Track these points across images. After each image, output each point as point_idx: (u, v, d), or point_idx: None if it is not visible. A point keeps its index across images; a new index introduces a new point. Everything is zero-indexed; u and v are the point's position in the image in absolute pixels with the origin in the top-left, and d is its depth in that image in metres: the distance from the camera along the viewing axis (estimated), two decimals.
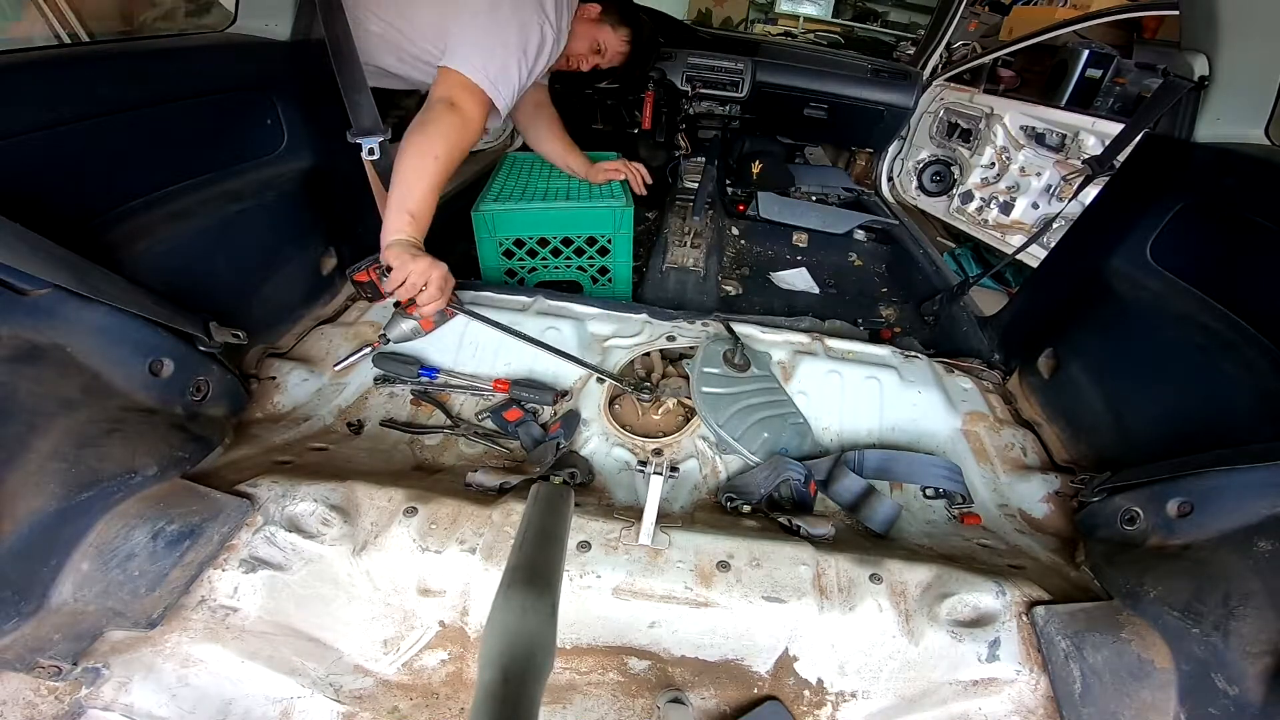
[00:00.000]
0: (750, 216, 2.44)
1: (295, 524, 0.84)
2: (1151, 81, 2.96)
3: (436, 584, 0.82)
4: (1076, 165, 2.10)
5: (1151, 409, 1.02)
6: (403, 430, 1.13)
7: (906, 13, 4.27)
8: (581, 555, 0.82)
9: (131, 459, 0.79)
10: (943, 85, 2.75)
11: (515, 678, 0.40)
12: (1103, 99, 3.13)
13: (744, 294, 1.95)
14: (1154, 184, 1.14)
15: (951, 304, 1.74)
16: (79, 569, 0.73)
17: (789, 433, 1.12)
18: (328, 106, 1.21)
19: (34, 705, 0.70)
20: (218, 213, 1.06)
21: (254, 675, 0.76)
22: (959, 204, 2.74)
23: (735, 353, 1.20)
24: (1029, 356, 1.36)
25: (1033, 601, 0.81)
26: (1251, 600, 0.68)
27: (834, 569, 0.83)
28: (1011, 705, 0.76)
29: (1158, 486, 0.85)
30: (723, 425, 1.08)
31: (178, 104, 0.99)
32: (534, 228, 1.59)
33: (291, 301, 1.29)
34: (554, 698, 0.79)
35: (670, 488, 1.03)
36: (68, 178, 0.84)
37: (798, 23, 4.22)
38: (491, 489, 0.96)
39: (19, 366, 0.71)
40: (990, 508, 1.09)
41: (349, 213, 1.41)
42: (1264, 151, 0.98)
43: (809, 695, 0.81)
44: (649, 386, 1.21)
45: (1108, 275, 1.19)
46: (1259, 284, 0.93)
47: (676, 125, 2.70)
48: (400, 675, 0.81)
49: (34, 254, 0.70)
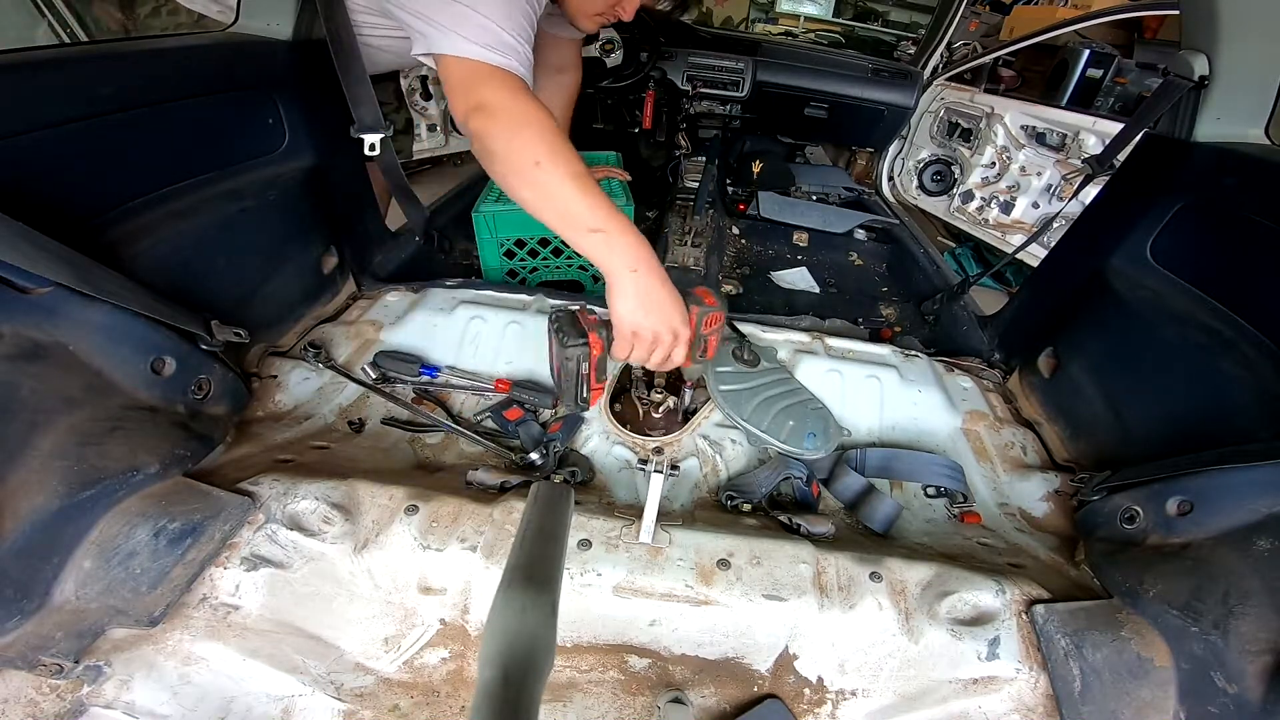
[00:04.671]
0: (751, 216, 2.44)
1: (297, 522, 0.84)
2: (1152, 81, 2.96)
3: (437, 582, 0.82)
4: (1077, 165, 2.11)
5: (1151, 408, 1.02)
6: (404, 429, 1.13)
7: (907, 13, 4.26)
8: (582, 553, 0.82)
9: (133, 457, 0.79)
10: (943, 85, 2.75)
11: (515, 676, 0.40)
12: (1103, 98, 3.13)
13: (744, 293, 1.95)
14: (1154, 183, 1.14)
15: (952, 303, 1.74)
16: (81, 567, 0.73)
17: (812, 418, 1.11)
18: (329, 105, 1.21)
19: (36, 703, 0.70)
20: (219, 212, 1.06)
21: (255, 673, 0.76)
22: (959, 203, 2.74)
23: (744, 349, 1.20)
24: (1029, 356, 1.36)
25: (1032, 600, 0.81)
26: (1251, 599, 0.68)
27: (834, 567, 0.84)
28: (1011, 703, 0.76)
29: (1157, 485, 0.85)
30: (748, 419, 1.07)
31: (179, 103, 0.99)
32: (535, 228, 1.59)
33: (293, 300, 1.29)
34: (554, 696, 0.79)
35: (671, 486, 1.03)
36: (69, 177, 0.84)
37: (798, 22, 4.21)
38: (492, 487, 0.96)
39: (21, 364, 0.71)
40: (990, 506, 1.09)
41: (350, 212, 1.41)
42: (1264, 151, 0.98)
43: (809, 693, 0.81)
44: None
45: (1108, 274, 1.19)
46: (1259, 283, 0.93)
47: (677, 124, 2.71)
48: (401, 673, 0.81)
49: (36, 252, 0.70)
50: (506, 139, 0.87)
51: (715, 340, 0.99)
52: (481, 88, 0.88)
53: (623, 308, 0.88)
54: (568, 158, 0.86)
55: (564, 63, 1.47)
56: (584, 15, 1.14)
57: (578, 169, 0.86)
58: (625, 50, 2.39)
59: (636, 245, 0.87)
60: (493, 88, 0.88)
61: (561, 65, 1.47)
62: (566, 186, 0.85)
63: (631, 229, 0.88)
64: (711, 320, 0.96)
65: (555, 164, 0.85)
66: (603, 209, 0.86)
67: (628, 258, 0.86)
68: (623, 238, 0.86)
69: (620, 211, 0.89)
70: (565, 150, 0.86)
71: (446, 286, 1.41)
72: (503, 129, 0.87)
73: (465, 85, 0.90)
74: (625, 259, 0.86)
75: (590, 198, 0.85)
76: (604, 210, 0.86)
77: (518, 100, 0.88)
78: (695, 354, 0.98)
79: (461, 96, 0.90)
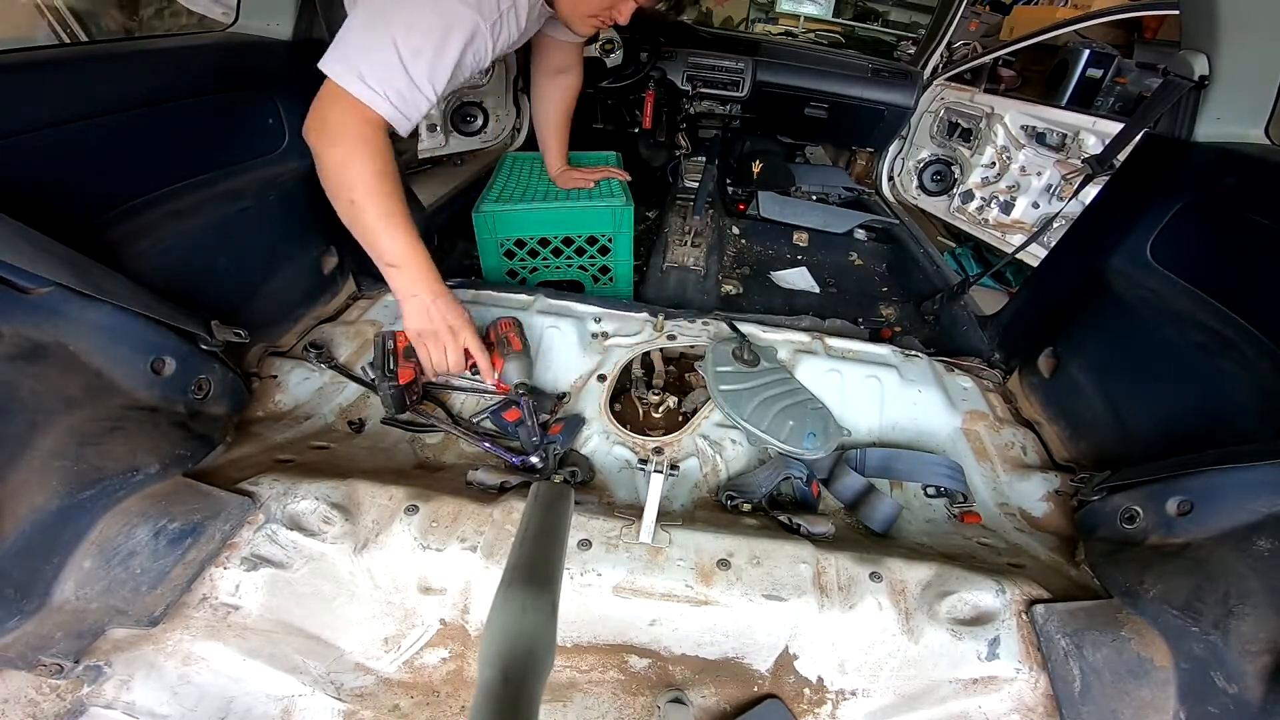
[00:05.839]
0: (751, 216, 2.45)
1: (297, 522, 0.84)
2: (1152, 81, 2.97)
3: (437, 582, 0.82)
4: (1077, 165, 2.11)
5: (1151, 408, 1.02)
6: (404, 429, 1.13)
7: (907, 12, 4.26)
8: (582, 553, 0.82)
9: (133, 457, 0.79)
10: (943, 85, 2.75)
11: (515, 676, 0.40)
12: (1103, 98, 3.13)
13: (744, 293, 1.95)
14: (1154, 183, 1.14)
15: (952, 303, 1.74)
16: (81, 567, 0.73)
17: (812, 417, 1.11)
18: None
19: (36, 703, 0.70)
20: (219, 212, 1.06)
21: (255, 673, 0.76)
22: (959, 203, 2.74)
23: (744, 349, 1.20)
24: (1029, 355, 1.36)
25: (1032, 600, 0.81)
26: (1251, 599, 0.68)
27: (834, 567, 0.84)
28: (1011, 703, 0.76)
29: (1157, 485, 0.85)
30: (747, 419, 1.08)
31: (179, 103, 0.99)
32: (535, 228, 1.60)
33: (293, 300, 1.29)
34: (554, 696, 0.79)
35: (671, 486, 1.03)
36: (70, 177, 0.84)
37: (798, 22, 4.21)
38: (492, 487, 0.96)
39: (21, 365, 0.71)
40: (990, 506, 1.09)
41: None
42: (1264, 151, 0.98)
43: (809, 693, 0.81)
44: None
45: (1108, 274, 1.19)
46: (1259, 283, 0.93)
47: (677, 125, 2.71)
48: (401, 673, 0.81)
49: (36, 253, 0.70)
50: (332, 165, 0.94)
51: (515, 336, 1.15)
52: (334, 109, 0.92)
53: (408, 321, 1.06)
54: (383, 196, 0.95)
55: (565, 64, 1.47)
56: (577, 18, 1.15)
57: (388, 208, 0.96)
58: (625, 50, 2.39)
59: (423, 276, 1.02)
60: (345, 115, 0.92)
61: (562, 67, 1.48)
62: (374, 224, 0.96)
63: (422, 262, 1.02)
64: (504, 324, 1.17)
65: (369, 201, 0.94)
66: (401, 246, 0.99)
67: (411, 286, 1.02)
68: (411, 270, 1.01)
69: (418, 246, 1.01)
70: (382, 189, 0.95)
71: (446, 286, 1.40)
72: (329, 154, 0.93)
73: (326, 99, 0.92)
74: (409, 287, 1.02)
75: (390, 236, 0.97)
76: (401, 247, 0.99)
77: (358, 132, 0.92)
78: (503, 351, 1.12)
79: (316, 107, 0.93)
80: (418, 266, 1.02)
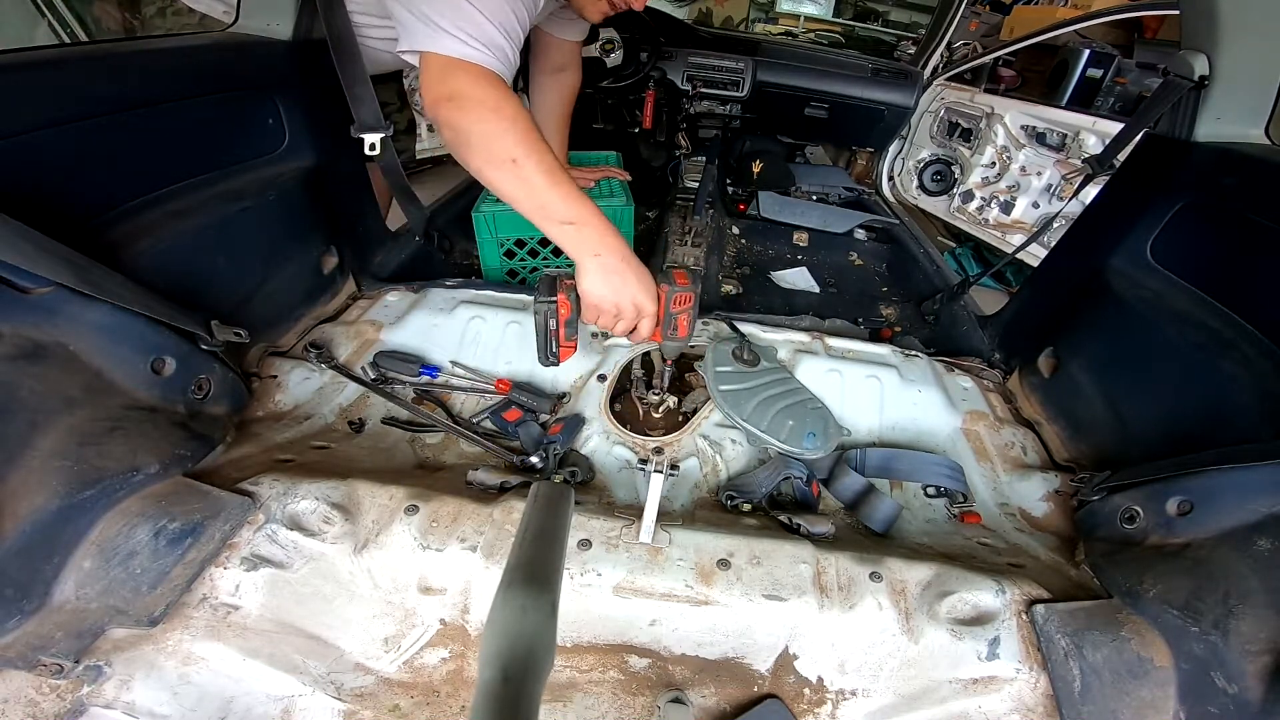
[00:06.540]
0: (751, 216, 2.44)
1: (297, 522, 0.84)
2: (1152, 81, 2.97)
3: (437, 582, 0.82)
4: (1077, 164, 2.11)
5: (1151, 408, 1.02)
6: (404, 429, 1.13)
7: (907, 12, 4.27)
8: (582, 553, 0.82)
9: (133, 457, 0.79)
10: (943, 85, 2.75)
11: (515, 676, 0.40)
12: (1103, 98, 3.13)
13: (744, 293, 1.95)
14: (1154, 183, 1.14)
15: (952, 303, 1.74)
16: (81, 567, 0.73)
17: (812, 417, 1.11)
18: (329, 105, 1.21)
19: (36, 703, 0.70)
20: (219, 212, 1.06)
21: (255, 673, 0.76)
22: (959, 203, 2.74)
23: (744, 349, 1.20)
24: (1029, 355, 1.36)
25: (1032, 600, 0.81)
26: (1251, 599, 0.68)
27: (834, 567, 0.84)
28: (1011, 703, 0.76)
29: (1157, 485, 0.85)
30: (747, 419, 1.08)
31: (179, 103, 0.99)
32: (535, 228, 1.59)
33: (293, 300, 1.29)
34: (554, 696, 0.79)
35: (671, 486, 1.03)
36: (69, 177, 0.84)
37: (798, 22, 4.21)
38: (492, 487, 0.96)
39: (21, 365, 0.71)
40: (990, 506, 1.09)
41: (351, 212, 1.41)
42: (1264, 151, 0.98)
43: (809, 693, 0.81)
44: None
45: (1108, 274, 1.19)
46: (1259, 283, 0.93)
47: (677, 124, 2.71)
48: (401, 673, 0.81)
49: (36, 252, 0.70)
50: (481, 131, 0.88)
51: (686, 320, 1.02)
52: (456, 79, 0.89)
53: (587, 284, 0.94)
54: (542, 152, 0.89)
55: (564, 63, 1.48)
56: (589, 2, 1.13)
57: (550, 163, 0.90)
58: (625, 50, 2.39)
59: (602, 232, 0.93)
60: (469, 80, 0.89)
61: (561, 65, 1.48)
62: (541, 180, 0.89)
63: (598, 217, 0.93)
64: (681, 300, 0.99)
65: (530, 158, 0.88)
66: (574, 201, 0.91)
67: (593, 244, 0.92)
68: (589, 227, 0.92)
69: (588, 200, 0.93)
70: (539, 145, 0.89)
71: (446, 286, 1.41)
72: (475, 121, 0.88)
73: (440, 74, 0.90)
74: (590, 246, 0.92)
75: (562, 190, 0.90)
76: (575, 202, 0.91)
77: (491, 93, 0.89)
78: (667, 331, 1.02)
79: (436, 84, 0.90)
80: (598, 222, 0.92)
